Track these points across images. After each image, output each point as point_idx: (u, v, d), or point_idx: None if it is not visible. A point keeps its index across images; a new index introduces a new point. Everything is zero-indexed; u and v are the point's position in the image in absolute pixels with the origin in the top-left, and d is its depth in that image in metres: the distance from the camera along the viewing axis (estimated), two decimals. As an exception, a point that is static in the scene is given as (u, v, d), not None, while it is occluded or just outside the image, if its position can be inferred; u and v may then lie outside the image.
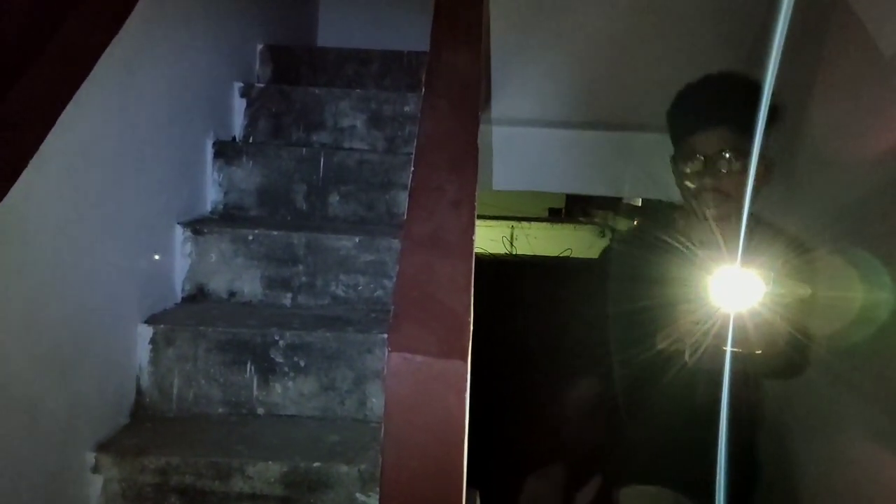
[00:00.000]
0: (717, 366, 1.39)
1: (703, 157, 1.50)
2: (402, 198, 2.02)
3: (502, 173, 3.25)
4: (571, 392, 2.20)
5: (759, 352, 1.40)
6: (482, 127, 1.47)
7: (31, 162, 1.21)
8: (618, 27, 2.56)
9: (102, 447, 1.47)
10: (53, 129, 1.27)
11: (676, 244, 1.51)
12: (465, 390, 1.00)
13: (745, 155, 1.47)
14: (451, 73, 1.43)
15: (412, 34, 2.41)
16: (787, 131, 1.84)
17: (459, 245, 1.13)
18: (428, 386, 0.99)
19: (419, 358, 0.99)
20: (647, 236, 1.64)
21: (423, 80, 1.43)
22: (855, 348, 1.68)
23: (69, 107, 1.31)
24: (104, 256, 1.49)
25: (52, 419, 1.34)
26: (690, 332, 1.42)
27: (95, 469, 1.45)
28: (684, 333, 1.44)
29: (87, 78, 1.37)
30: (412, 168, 1.26)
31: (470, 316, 1.06)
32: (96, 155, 1.44)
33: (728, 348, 1.38)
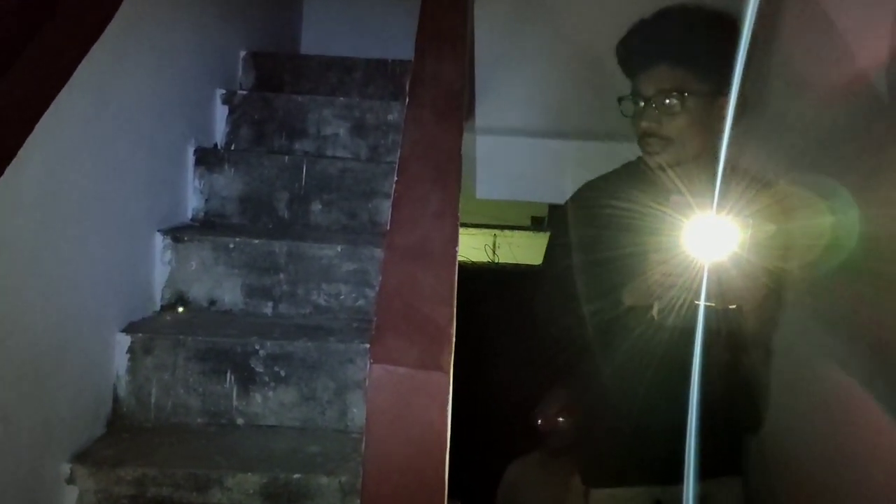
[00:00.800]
0: (688, 324, 1.27)
1: (643, 99, 1.39)
2: (385, 206, 2.02)
3: (485, 182, 3.25)
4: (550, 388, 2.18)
5: (735, 306, 1.29)
6: (465, 136, 1.47)
7: (7, 169, 1.19)
8: (601, 38, 2.57)
9: (78, 458, 1.45)
10: (31, 136, 1.25)
11: (642, 192, 1.37)
12: (447, 402, 0.99)
13: (692, 95, 1.35)
14: (434, 83, 1.43)
15: (396, 42, 2.41)
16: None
17: (442, 256, 1.13)
18: (409, 398, 0.99)
19: (401, 370, 0.98)
20: (613, 184, 1.52)
21: (408, 89, 1.43)
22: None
23: (47, 113, 1.30)
24: (82, 264, 1.47)
25: (27, 429, 1.31)
26: (660, 285, 1.30)
27: (70, 480, 1.42)
28: (653, 286, 1.31)
29: (67, 84, 1.35)
30: (395, 178, 1.25)
31: (452, 327, 1.05)
32: (75, 162, 1.42)
33: (701, 303, 1.25)
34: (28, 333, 1.30)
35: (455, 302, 1.10)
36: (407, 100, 1.42)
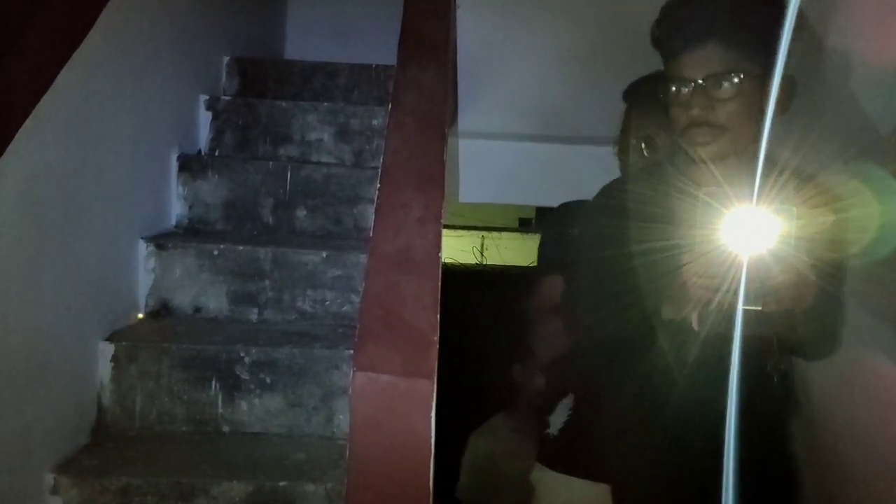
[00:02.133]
0: (727, 331, 1.10)
1: (690, 83, 1.21)
2: (370, 212, 2.02)
3: (470, 185, 3.26)
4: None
5: (783, 308, 1.13)
6: (449, 140, 1.48)
7: (-13, 178, 1.19)
8: (584, 41, 2.59)
9: (62, 468, 1.44)
10: (11, 145, 1.24)
11: (677, 185, 1.24)
12: (431, 409, 0.99)
13: (747, 77, 1.19)
14: (417, 89, 1.44)
15: (380, 48, 2.41)
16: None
17: (426, 263, 1.13)
18: (393, 405, 0.99)
19: (385, 377, 0.98)
20: (646, 183, 1.35)
21: (391, 96, 1.44)
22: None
23: (28, 121, 1.29)
24: (64, 272, 1.46)
25: (9, 439, 1.30)
26: (700, 295, 1.15)
27: (54, 490, 1.41)
28: (693, 296, 1.16)
29: (48, 91, 1.35)
30: (378, 185, 1.26)
31: (436, 335, 1.06)
32: (56, 169, 1.41)
33: (742, 306, 1.09)
34: (9, 342, 1.29)
35: (439, 308, 1.10)
36: (390, 106, 1.42)
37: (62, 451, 1.47)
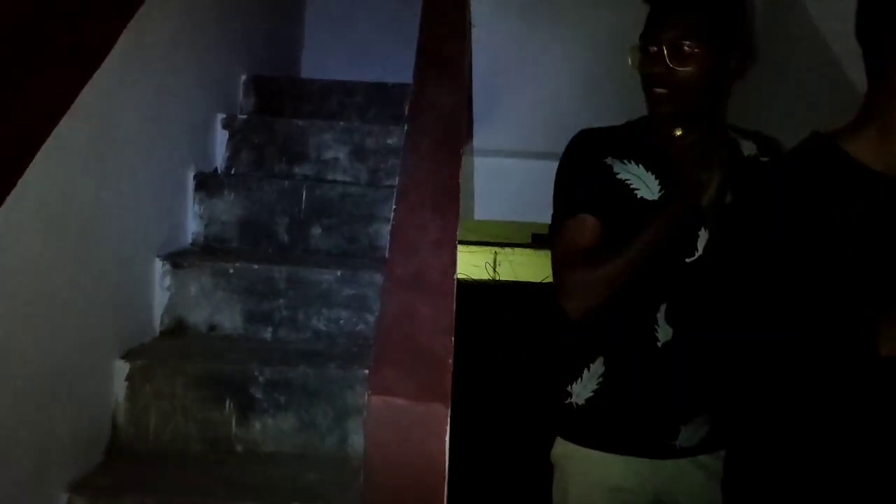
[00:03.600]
0: None
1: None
2: (385, 231, 2.02)
3: (485, 203, 3.26)
4: None
5: None
6: (464, 157, 1.47)
7: (7, 198, 1.20)
8: (598, 59, 2.59)
9: (76, 487, 1.44)
10: (31, 164, 1.26)
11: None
12: (446, 434, 0.99)
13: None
14: (433, 110, 1.44)
15: (396, 66, 2.42)
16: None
17: (441, 286, 1.13)
18: (408, 430, 0.98)
19: (399, 401, 0.98)
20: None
21: (407, 117, 1.44)
22: None
23: (48, 141, 1.30)
24: (81, 290, 1.47)
25: (24, 458, 1.31)
26: None
27: (69, 510, 1.42)
28: None
29: (68, 112, 1.36)
30: (394, 206, 1.26)
31: (451, 358, 1.05)
32: (75, 189, 1.43)
33: None
34: (26, 360, 1.30)
35: (454, 332, 1.10)
36: (406, 127, 1.42)
37: (77, 470, 1.48)
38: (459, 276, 1.19)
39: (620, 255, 1.35)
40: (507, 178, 3.15)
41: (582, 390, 1.51)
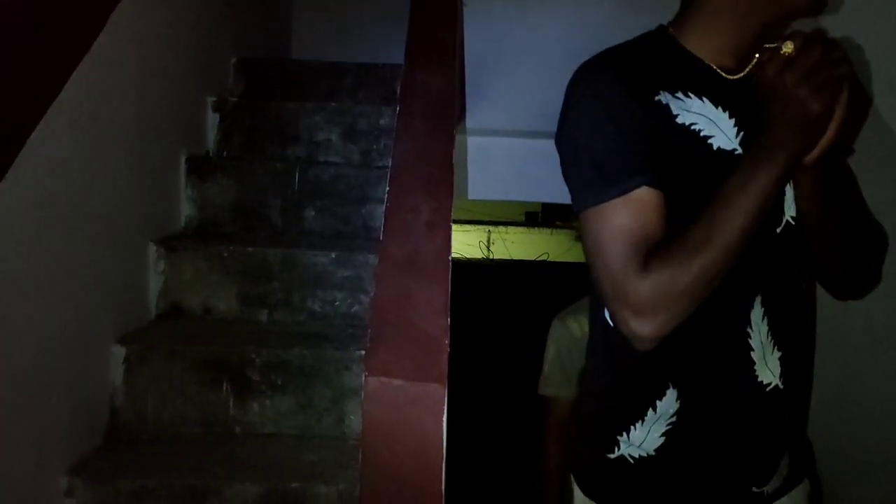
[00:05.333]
0: None
1: None
2: (379, 212, 2.02)
3: (478, 182, 3.26)
4: None
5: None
6: (457, 137, 1.48)
7: None
8: (591, 39, 2.58)
9: (75, 470, 1.45)
10: (22, 151, 1.25)
11: None
12: (443, 413, 1.00)
13: None
14: (425, 92, 1.44)
15: (387, 46, 2.42)
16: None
17: (435, 267, 1.13)
18: (405, 410, 0.99)
19: (396, 382, 0.99)
20: None
21: (398, 98, 1.44)
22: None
23: (39, 126, 1.30)
24: (76, 275, 1.47)
25: (23, 442, 1.32)
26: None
27: (68, 493, 1.43)
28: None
29: (58, 97, 1.36)
30: (387, 188, 1.26)
31: (447, 338, 1.06)
32: (66, 174, 1.42)
33: None
34: (23, 345, 1.30)
35: (449, 312, 1.11)
36: (398, 109, 1.42)
37: (75, 454, 1.49)
38: (453, 256, 1.20)
39: (712, 239, 0.91)
40: (501, 158, 3.15)
41: (645, 437, 1.07)
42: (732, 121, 1.02)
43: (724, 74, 1.03)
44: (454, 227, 1.25)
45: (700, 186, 0.96)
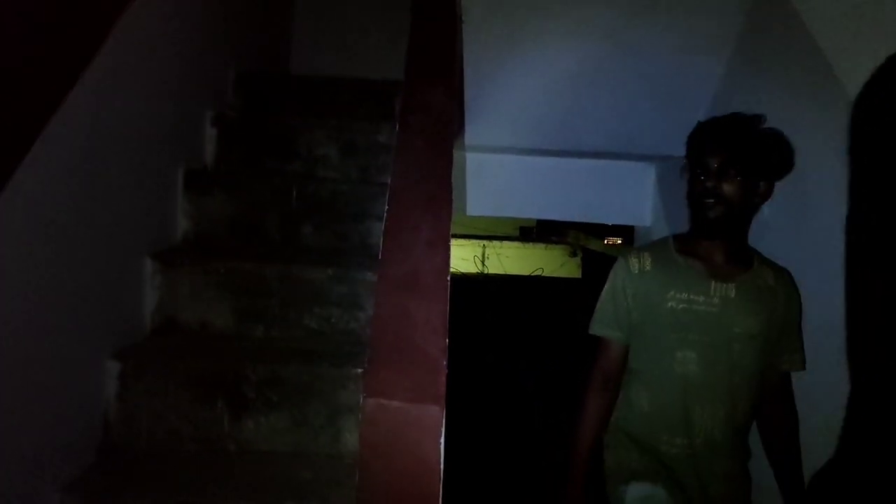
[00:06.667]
0: None
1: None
2: (377, 228, 2.02)
3: (476, 199, 3.27)
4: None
5: None
6: (455, 154, 1.48)
7: (-2, 198, 1.20)
8: (589, 57, 2.60)
9: (68, 488, 1.44)
10: (21, 165, 1.25)
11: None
12: (440, 435, 1.00)
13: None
14: (425, 110, 1.44)
15: (386, 63, 2.43)
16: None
17: (435, 287, 1.13)
18: (403, 431, 0.99)
19: (394, 403, 0.99)
20: None
21: (398, 117, 1.44)
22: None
23: (38, 142, 1.30)
24: (72, 290, 1.47)
25: (16, 459, 1.31)
26: None
27: (61, 510, 1.41)
28: None
29: (58, 111, 1.35)
30: (387, 207, 1.26)
31: (445, 359, 1.06)
32: (64, 188, 1.42)
33: None
34: (16, 360, 1.29)
35: (447, 332, 1.10)
36: (398, 127, 1.43)
37: (69, 471, 1.47)
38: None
39: None
40: (498, 174, 3.16)
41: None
42: None
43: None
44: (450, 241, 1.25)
45: None
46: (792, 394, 1.88)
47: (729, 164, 1.73)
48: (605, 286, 1.92)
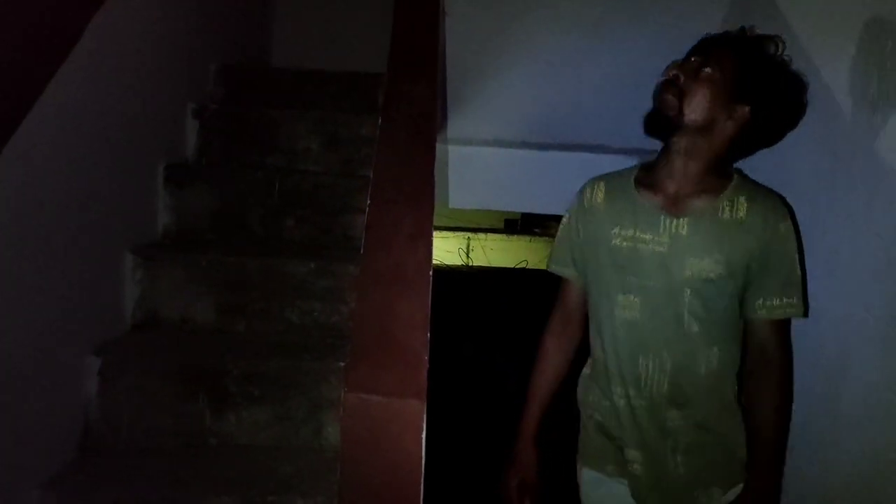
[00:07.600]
0: None
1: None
2: (359, 221, 2.02)
3: (459, 191, 3.27)
4: None
5: None
6: (439, 147, 1.48)
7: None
8: (573, 50, 2.60)
9: (49, 484, 1.43)
10: (-2, 159, 1.24)
11: None
12: (422, 429, 1.00)
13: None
14: (407, 103, 1.44)
15: (368, 55, 2.41)
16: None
17: (416, 281, 1.13)
18: (384, 426, 0.99)
19: (376, 398, 0.99)
20: None
21: (380, 110, 1.44)
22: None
23: (15, 135, 1.28)
24: (52, 285, 1.45)
25: (-5, 456, 1.30)
26: None
27: (41, 507, 1.40)
28: None
29: (35, 104, 1.34)
30: (368, 201, 1.26)
31: (427, 353, 1.06)
32: (43, 182, 1.40)
33: None
34: (-4, 359, 1.28)
35: (429, 326, 1.10)
36: (380, 120, 1.42)
37: (49, 467, 1.46)
38: (433, 263, 1.20)
39: None
40: (482, 167, 3.16)
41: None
42: None
43: None
44: (434, 233, 1.25)
45: None
46: (781, 349, 1.54)
47: (698, 52, 1.50)
48: (562, 220, 1.75)
